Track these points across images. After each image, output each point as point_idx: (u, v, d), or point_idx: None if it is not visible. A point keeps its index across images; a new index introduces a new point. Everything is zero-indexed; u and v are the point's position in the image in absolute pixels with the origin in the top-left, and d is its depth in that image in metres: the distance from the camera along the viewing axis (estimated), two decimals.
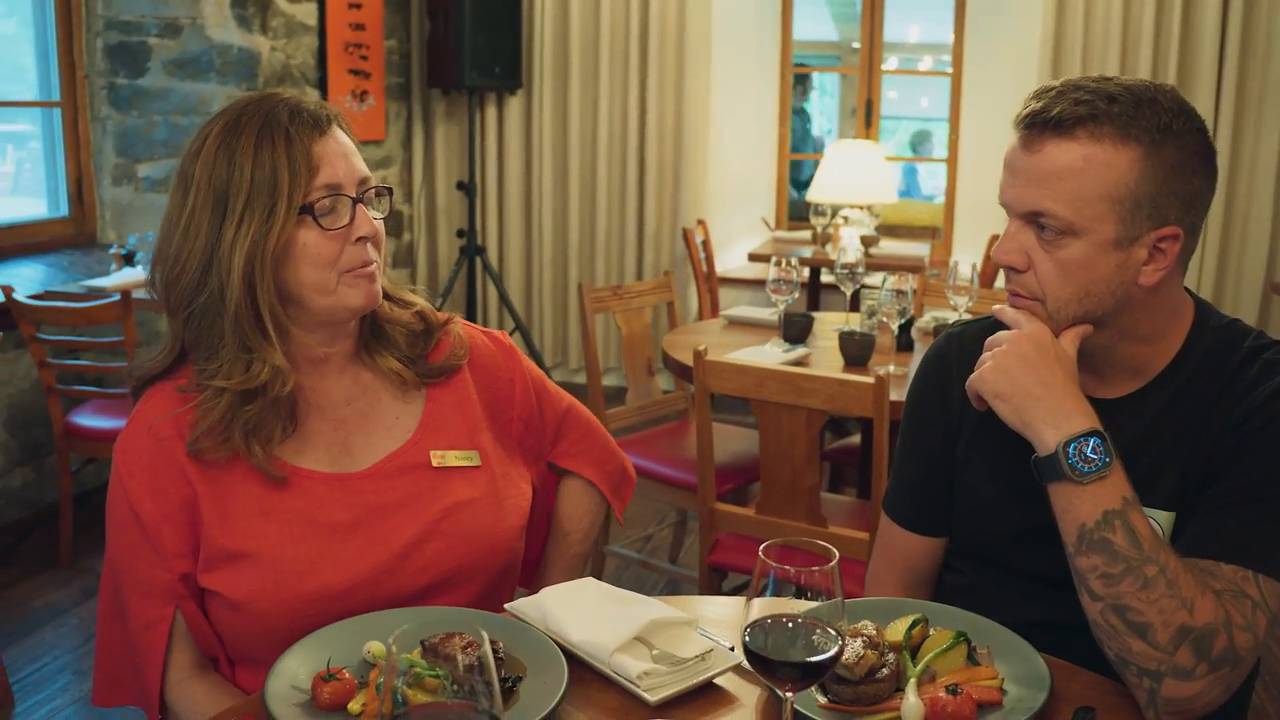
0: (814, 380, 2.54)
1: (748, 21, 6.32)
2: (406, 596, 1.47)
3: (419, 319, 1.60)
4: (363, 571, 1.44)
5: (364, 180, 1.47)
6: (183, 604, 1.42)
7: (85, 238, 4.89)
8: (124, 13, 4.84)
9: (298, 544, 1.43)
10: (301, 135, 1.42)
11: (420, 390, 1.58)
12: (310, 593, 1.41)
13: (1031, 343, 1.36)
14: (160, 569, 1.42)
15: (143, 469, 1.42)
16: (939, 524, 1.61)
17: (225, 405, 1.41)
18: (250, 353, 1.42)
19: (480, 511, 1.53)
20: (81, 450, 3.86)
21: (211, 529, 1.42)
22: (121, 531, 1.45)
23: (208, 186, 1.42)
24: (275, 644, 1.37)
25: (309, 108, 1.45)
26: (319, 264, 1.43)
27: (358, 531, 1.46)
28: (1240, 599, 1.29)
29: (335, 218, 1.43)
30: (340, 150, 1.45)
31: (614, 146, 6.11)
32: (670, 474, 3.40)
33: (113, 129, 4.92)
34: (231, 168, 1.40)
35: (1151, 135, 1.31)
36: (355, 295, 1.46)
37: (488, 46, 5.69)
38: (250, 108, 1.44)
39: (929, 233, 6.39)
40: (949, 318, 3.35)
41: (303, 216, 1.41)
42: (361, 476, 1.50)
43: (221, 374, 1.42)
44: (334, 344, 1.52)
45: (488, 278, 6.11)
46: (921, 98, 9.84)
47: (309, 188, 1.41)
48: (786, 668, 1.09)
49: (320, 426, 1.51)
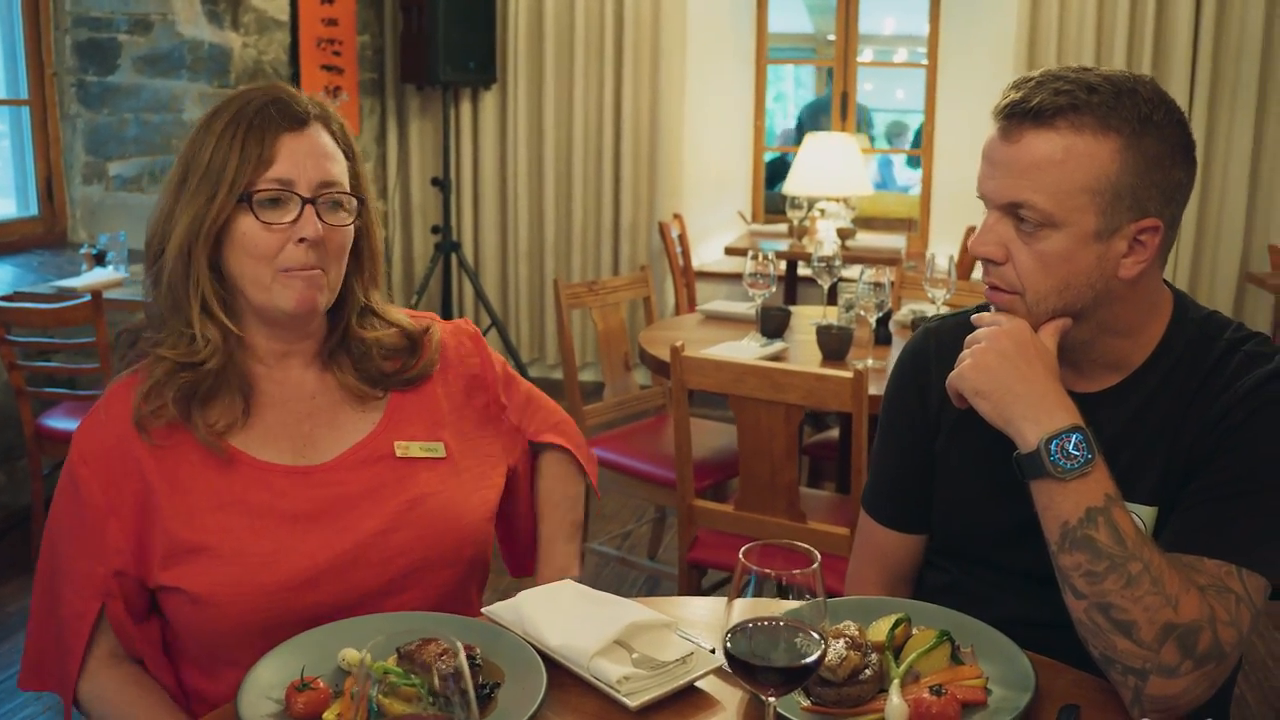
0: (792, 375, 2.53)
1: (722, 14, 6.31)
2: (373, 588, 1.45)
3: (402, 336, 1.58)
4: (325, 561, 1.42)
5: (326, 184, 1.44)
6: (110, 601, 1.41)
7: (55, 237, 4.83)
8: (93, 9, 4.78)
9: (259, 536, 1.41)
10: (267, 126, 1.42)
11: (383, 397, 1.57)
12: (273, 584, 1.39)
13: (1010, 339, 1.35)
14: (95, 562, 1.40)
15: (97, 458, 1.42)
16: (919, 521, 1.60)
17: (163, 371, 1.42)
18: (191, 328, 1.43)
19: (445, 502, 1.52)
20: (53, 453, 3.80)
21: (170, 522, 1.40)
22: (64, 517, 1.44)
23: (181, 164, 1.45)
24: (240, 640, 1.37)
25: (290, 102, 1.45)
26: (255, 255, 1.42)
27: (320, 522, 1.44)
28: (1224, 594, 1.28)
29: (278, 212, 1.42)
30: (309, 149, 1.44)
31: (589, 141, 6.08)
32: (649, 470, 3.38)
33: (83, 127, 4.86)
34: (198, 148, 1.44)
35: (1132, 126, 1.30)
36: (288, 296, 1.43)
37: (462, 41, 5.65)
38: (241, 96, 1.46)
39: (905, 225, 6.40)
40: (927, 310, 3.35)
41: (241, 204, 1.41)
42: (324, 469, 1.48)
43: (167, 344, 1.43)
44: (293, 342, 1.51)
45: (463, 274, 6.07)
46: (897, 89, 9.85)
47: (255, 177, 1.41)
48: (769, 672, 1.07)
49: (283, 419, 1.49)
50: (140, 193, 4.89)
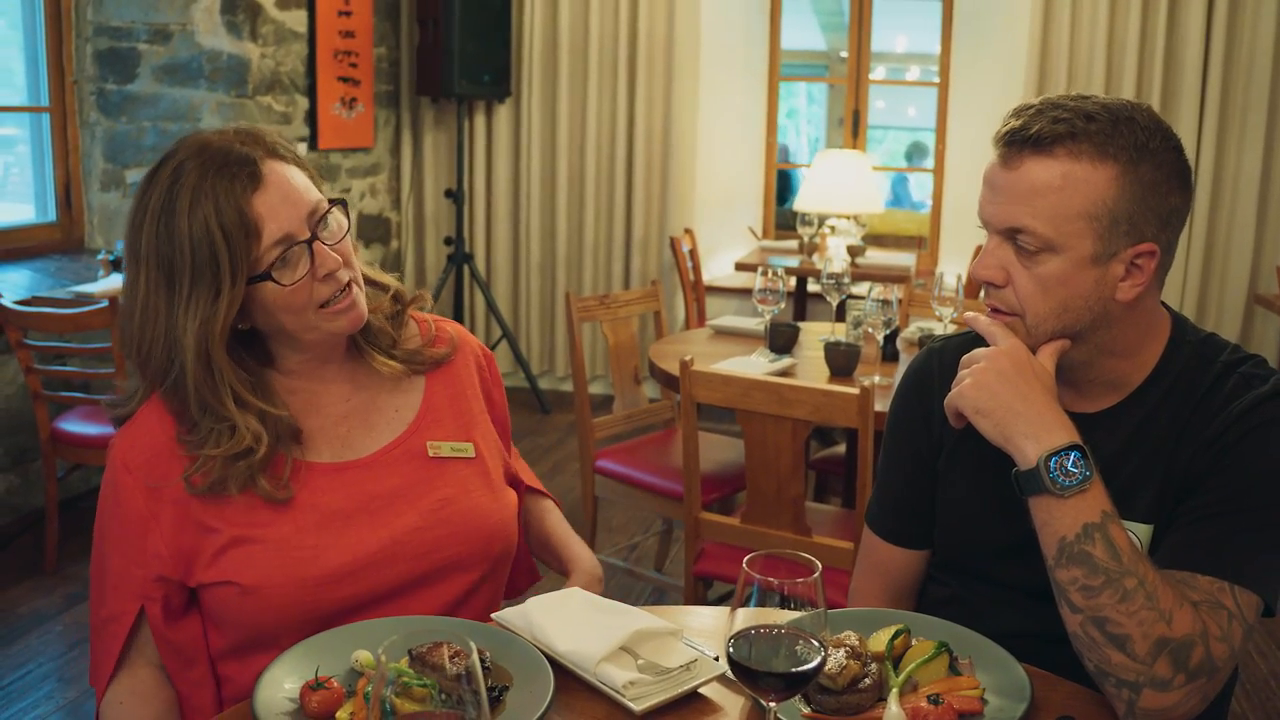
0: (799, 391, 2.56)
1: (736, 31, 6.35)
2: (407, 582, 1.50)
3: (393, 301, 1.61)
4: (364, 556, 1.46)
5: (313, 210, 1.43)
6: (149, 605, 1.43)
7: (73, 243, 4.89)
8: (114, 19, 4.85)
9: (303, 531, 1.45)
10: (234, 199, 1.36)
11: (417, 380, 1.61)
12: (315, 577, 1.43)
13: (1009, 359, 1.38)
14: (136, 565, 1.43)
15: (139, 466, 1.44)
16: (921, 537, 1.63)
17: (220, 467, 1.42)
18: (225, 421, 1.42)
19: (476, 501, 1.56)
20: (68, 456, 3.86)
21: (215, 521, 1.43)
22: (108, 521, 1.47)
23: (155, 266, 1.39)
24: (277, 629, 1.42)
25: (237, 153, 1.38)
26: (293, 310, 1.43)
27: (357, 518, 1.48)
28: (1217, 610, 1.31)
29: (292, 270, 1.41)
30: (281, 193, 1.40)
31: (602, 155, 6.13)
32: (656, 483, 3.41)
33: (101, 134, 4.92)
34: (171, 246, 1.37)
35: (1129, 153, 1.33)
36: (340, 323, 1.47)
37: (477, 54, 5.70)
38: (183, 167, 1.38)
39: (915, 242, 6.42)
40: (934, 328, 3.37)
41: (257, 285, 1.39)
42: (360, 465, 1.52)
43: (209, 443, 1.42)
44: (330, 355, 1.55)
45: (475, 285, 6.12)
46: (909, 107, 9.88)
47: (256, 253, 1.38)
48: (770, 678, 1.10)
49: (321, 424, 1.53)
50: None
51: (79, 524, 3.97)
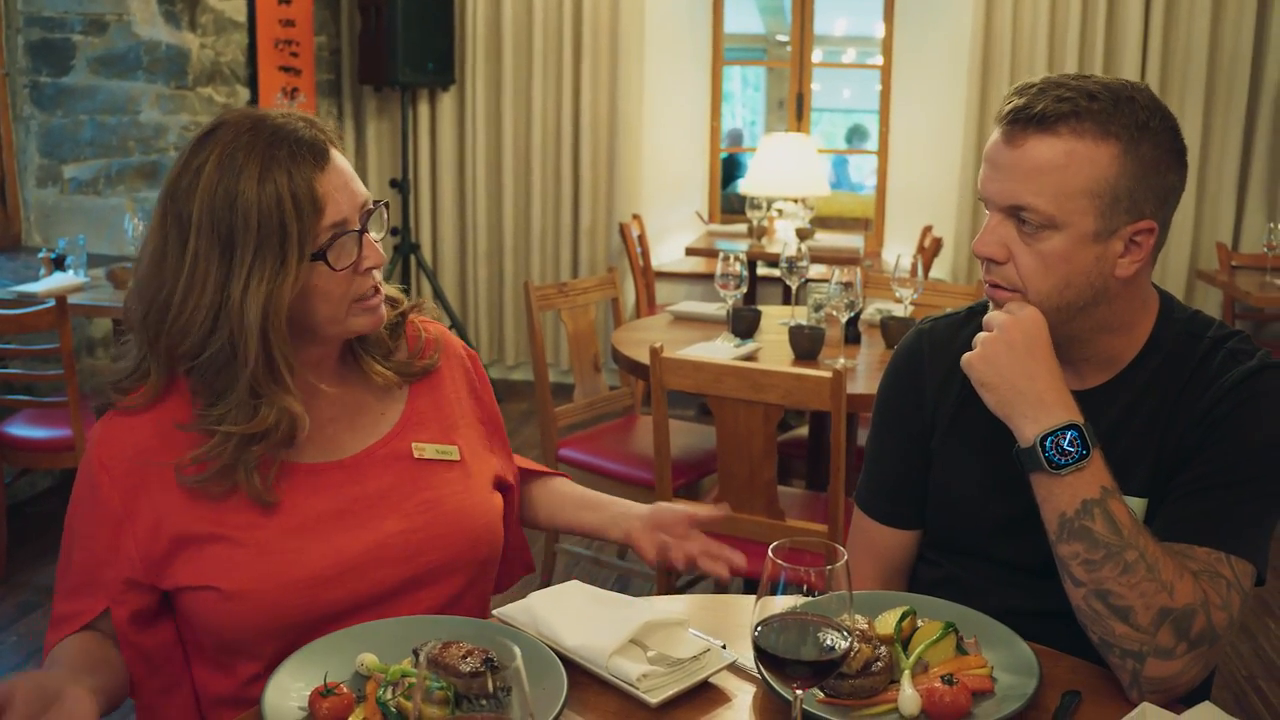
0: (771, 375, 2.56)
1: (679, 15, 6.34)
2: (392, 586, 1.47)
3: (390, 307, 1.59)
4: (349, 559, 1.43)
5: (364, 205, 1.43)
6: (115, 608, 1.38)
7: (10, 241, 4.76)
8: (46, 8, 4.72)
9: (286, 534, 1.42)
10: (304, 173, 1.36)
11: (402, 389, 1.59)
12: (299, 580, 1.40)
13: (1021, 330, 1.39)
14: (105, 565, 1.39)
15: (117, 464, 1.40)
16: (915, 518, 1.64)
17: (234, 448, 1.38)
18: (259, 398, 1.38)
19: (461, 504, 1.54)
20: (14, 461, 3.75)
21: (195, 524, 1.39)
22: (80, 519, 1.42)
23: (211, 232, 1.35)
24: (258, 635, 1.38)
25: (308, 138, 1.39)
26: (331, 300, 1.41)
27: (343, 520, 1.46)
28: (1215, 579, 1.33)
29: (344, 255, 1.40)
30: (341, 180, 1.40)
31: (548, 142, 6.09)
32: (620, 470, 3.41)
33: (37, 129, 4.79)
34: (234, 213, 1.34)
35: (1130, 132, 1.35)
36: (364, 322, 1.46)
37: (420, 42, 5.64)
38: (244, 138, 1.36)
39: (860, 224, 6.47)
40: (893, 309, 3.40)
41: (314, 263, 1.38)
42: (344, 465, 1.50)
43: (229, 419, 1.38)
44: (330, 355, 1.53)
45: (422, 275, 6.06)
46: (844, 89, 9.96)
47: (316, 230, 1.37)
48: (798, 666, 1.10)
49: (310, 424, 1.49)
50: (96, 196, 4.82)
51: (28, 531, 3.88)
